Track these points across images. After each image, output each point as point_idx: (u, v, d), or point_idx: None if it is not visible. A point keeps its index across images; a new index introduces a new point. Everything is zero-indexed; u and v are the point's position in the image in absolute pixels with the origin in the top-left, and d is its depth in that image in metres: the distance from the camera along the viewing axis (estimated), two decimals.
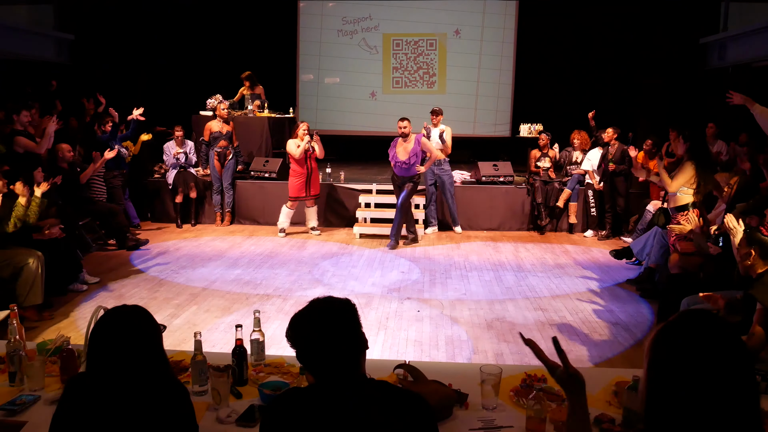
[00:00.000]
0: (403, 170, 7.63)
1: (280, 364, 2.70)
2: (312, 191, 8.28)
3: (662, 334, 1.24)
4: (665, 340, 1.22)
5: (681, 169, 5.45)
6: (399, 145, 7.64)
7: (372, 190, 8.95)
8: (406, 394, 1.69)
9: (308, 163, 8.15)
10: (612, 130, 8.19)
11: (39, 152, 6.65)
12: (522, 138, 11.06)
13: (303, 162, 8.12)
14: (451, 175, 8.63)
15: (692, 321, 1.23)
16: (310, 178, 8.20)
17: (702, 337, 1.19)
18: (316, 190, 8.36)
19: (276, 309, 5.42)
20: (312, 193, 8.30)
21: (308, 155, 8.13)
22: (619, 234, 8.42)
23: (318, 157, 8.20)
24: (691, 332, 1.21)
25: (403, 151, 7.56)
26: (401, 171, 7.68)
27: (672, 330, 1.23)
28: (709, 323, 1.21)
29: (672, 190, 5.45)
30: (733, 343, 1.19)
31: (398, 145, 7.65)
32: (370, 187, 8.97)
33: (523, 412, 2.22)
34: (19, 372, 2.47)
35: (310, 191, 8.27)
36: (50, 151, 7.05)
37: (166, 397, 1.80)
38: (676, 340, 1.21)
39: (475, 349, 4.62)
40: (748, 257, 3.39)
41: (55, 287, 5.48)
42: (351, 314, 1.70)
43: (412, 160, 7.53)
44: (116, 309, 1.86)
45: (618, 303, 5.72)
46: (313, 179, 8.26)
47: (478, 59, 11.93)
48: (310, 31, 12.07)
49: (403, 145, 7.59)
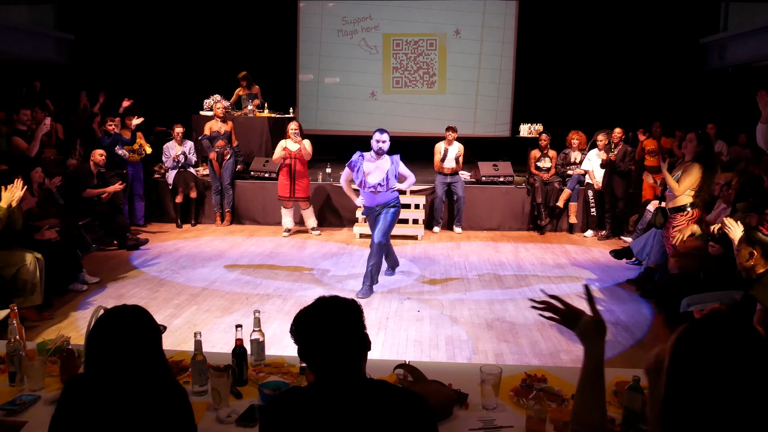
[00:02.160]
0: (378, 196, 5.87)
1: (280, 364, 2.70)
2: (297, 193, 8.22)
3: (687, 335, 1.22)
4: (690, 341, 1.20)
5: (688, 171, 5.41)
6: (368, 164, 5.85)
7: None
8: (406, 394, 1.69)
9: (292, 164, 8.12)
10: (620, 130, 8.24)
11: (29, 155, 6.65)
12: (522, 138, 11.07)
13: (288, 163, 8.13)
14: (463, 184, 8.74)
15: (718, 323, 1.21)
16: (294, 179, 8.17)
17: (728, 339, 1.17)
18: (302, 193, 8.28)
19: (276, 309, 5.42)
20: (297, 195, 8.25)
21: (293, 156, 8.11)
22: (619, 234, 8.42)
23: (305, 158, 8.17)
24: (717, 334, 1.18)
25: (377, 171, 5.84)
26: (374, 198, 5.89)
27: (697, 331, 1.21)
28: (736, 326, 1.20)
29: (680, 193, 5.41)
30: (761, 347, 1.17)
31: (366, 164, 5.85)
32: None
33: (523, 412, 2.22)
34: (19, 372, 2.47)
35: (295, 192, 8.23)
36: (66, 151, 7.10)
37: (164, 397, 1.80)
38: (702, 341, 1.18)
39: (475, 349, 4.62)
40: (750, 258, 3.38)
41: (55, 287, 5.47)
42: (356, 314, 1.70)
43: (388, 182, 5.85)
44: (115, 309, 1.86)
45: (618, 303, 5.72)
46: (299, 181, 8.19)
47: (478, 59, 11.93)
48: (310, 31, 12.06)
49: (375, 163, 5.85)
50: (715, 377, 1.14)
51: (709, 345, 1.17)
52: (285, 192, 8.26)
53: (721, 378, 1.13)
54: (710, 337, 1.18)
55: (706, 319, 1.23)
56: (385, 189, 5.84)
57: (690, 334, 1.21)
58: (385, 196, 5.86)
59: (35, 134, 6.65)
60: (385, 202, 5.88)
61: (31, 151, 6.61)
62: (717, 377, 1.14)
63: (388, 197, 5.88)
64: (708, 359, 1.15)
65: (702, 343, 1.18)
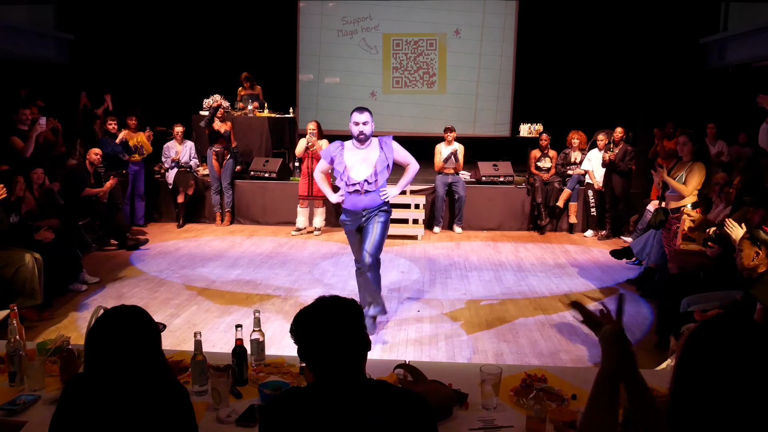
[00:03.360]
0: (365, 197, 4.57)
1: (280, 364, 2.70)
2: (314, 191, 8.25)
3: (697, 335, 1.21)
4: (701, 341, 1.20)
5: (691, 171, 5.40)
6: (351, 155, 4.64)
7: None
8: (406, 394, 1.69)
9: (309, 163, 8.17)
10: (621, 130, 8.23)
11: (25, 156, 6.65)
12: (522, 138, 11.06)
13: (305, 161, 8.21)
14: (464, 184, 8.74)
15: (729, 322, 1.21)
16: (311, 179, 8.21)
17: (738, 338, 1.17)
18: (319, 192, 8.29)
19: (276, 309, 5.42)
20: (315, 194, 8.28)
21: (310, 155, 8.15)
22: (619, 234, 8.42)
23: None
24: (728, 334, 1.18)
25: (363, 163, 4.59)
26: (359, 200, 4.58)
27: (708, 331, 1.21)
28: (746, 326, 1.20)
29: (689, 194, 5.39)
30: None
31: (348, 155, 4.64)
32: None
33: (523, 412, 2.22)
34: (19, 372, 2.47)
35: (312, 191, 8.27)
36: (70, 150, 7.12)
37: (165, 397, 1.80)
38: (713, 341, 1.18)
39: (475, 349, 4.62)
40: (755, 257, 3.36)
41: (55, 287, 5.47)
42: (356, 314, 1.71)
43: (378, 177, 4.56)
44: (114, 309, 1.86)
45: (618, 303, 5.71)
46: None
47: (478, 59, 11.93)
48: (310, 31, 12.06)
49: (359, 153, 4.61)
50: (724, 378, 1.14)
51: (718, 346, 1.17)
52: (303, 191, 8.32)
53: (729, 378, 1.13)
54: (721, 337, 1.18)
55: (717, 319, 1.23)
56: (375, 187, 4.56)
57: (701, 334, 1.21)
58: (373, 197, 4.58)
59: (29, 134, 6.66)
60: (375, 206, 4.60)
61: (26, 151, 6.62)
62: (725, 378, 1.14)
63: (377, 200, 4.59)
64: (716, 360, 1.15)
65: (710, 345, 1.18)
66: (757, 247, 3.37)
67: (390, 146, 4.63)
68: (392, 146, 4.64)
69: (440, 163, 8.66)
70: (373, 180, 4.54)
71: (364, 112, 4.56)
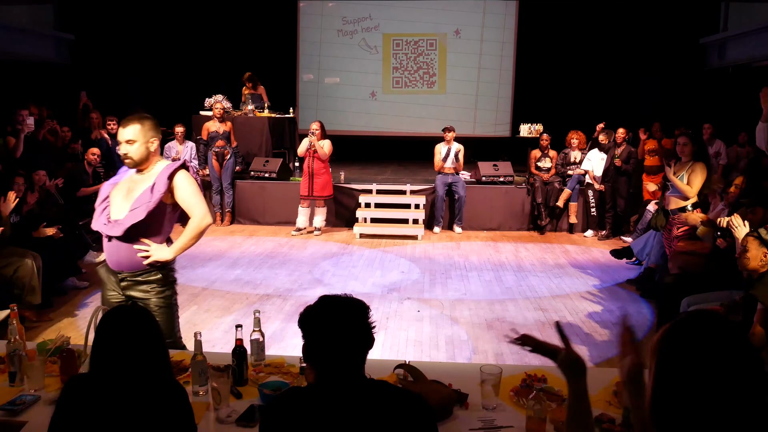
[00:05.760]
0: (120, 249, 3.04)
1: (280, 364, 2.70)
2: (315, 191, 8.25)
3: (669, 334, 1.23)
4: (672, 340, 1.22)
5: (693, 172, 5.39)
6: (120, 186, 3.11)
7: (372, 190, 8.94)
8: (406, 394, 1.70)
9: (309, 162, 8.16)
10: (623, 130, 8.23)
11: (15, 156, 6.65)
12: (522, 138, 11.05)
13: (306, 161, 8.22)
14: (464, 184, 8.73)
15: (699, 320, 1.23)
16: (312, 177, 8.20)
17: (709, 336, 1.19)
18: (321, 192, 8.30)
19: (276, 309, 5.42)
20: (315, 194, 8.28)
21: (311, 154, 8.15)
22: (619, 234, 8.42)
23: (320, 158, 8.18)
24: (699, 332, 1.20)
25: (127, 195, 3.06)
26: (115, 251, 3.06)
27: (679, 329, 1.22)
28: (717, 323, 1.21)
29: (693, 194, 5.39)
30: (741, 343, 1.18)
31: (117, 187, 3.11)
32: (369, 187, 8.97)
33: (523, 412, 2.22)
34: (19, 372, 2.47)
35: (313, 191, 8.26)
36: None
37: (164, 397, 1.80)
38: (684, 339, 1.20)
39: (475, 349, 4.62)
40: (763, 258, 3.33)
41: (54, 287, 5.47)
42: (363, 314, 1.70)
43: (137, 214, 2.99)
44: (118, 309, 1.86)
45: (618, 303, 5.72)
46: (317, 180, 8.23)
47: (478, 59, 11.93)
48: (310, 31, 12.07)
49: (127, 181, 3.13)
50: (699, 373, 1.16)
51: (692, 343, 1.19)
52: (304, 190, 8.31)
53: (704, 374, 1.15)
54: (692, 335, 1.20)
55: (688, 317, 1.25)
56: (126, 236, 2.96)
57: (673, 333, 1.23)
58: (130, 252, 3.01)
59: (18, 135, 6.67)
60: (138, 268, 3.08)
61: (15, 151, 6.62)
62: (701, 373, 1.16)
63: (135, 259, 3.03)
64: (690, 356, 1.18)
65: (684, 341, 1.20)
66: (765, 248, 3.34)
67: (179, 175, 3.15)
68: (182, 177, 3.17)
69: (440, 163, 8.66)
70: (128, 220, 2.98)
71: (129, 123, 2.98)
